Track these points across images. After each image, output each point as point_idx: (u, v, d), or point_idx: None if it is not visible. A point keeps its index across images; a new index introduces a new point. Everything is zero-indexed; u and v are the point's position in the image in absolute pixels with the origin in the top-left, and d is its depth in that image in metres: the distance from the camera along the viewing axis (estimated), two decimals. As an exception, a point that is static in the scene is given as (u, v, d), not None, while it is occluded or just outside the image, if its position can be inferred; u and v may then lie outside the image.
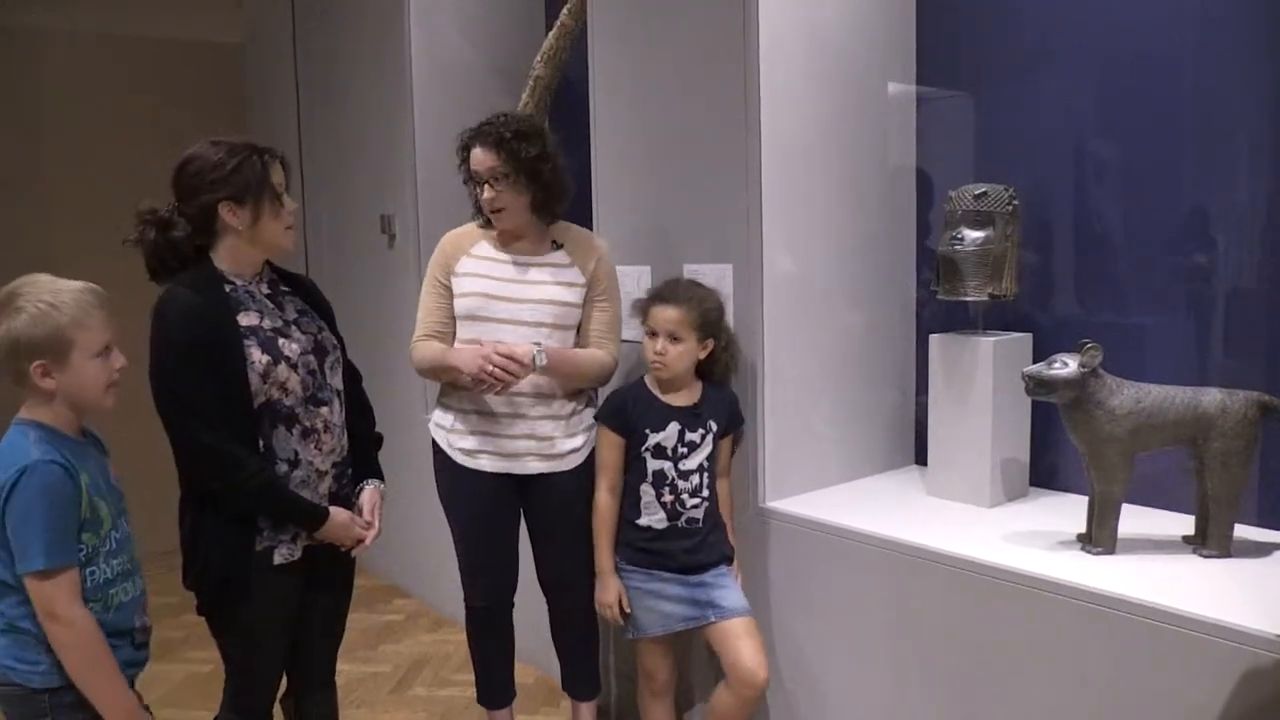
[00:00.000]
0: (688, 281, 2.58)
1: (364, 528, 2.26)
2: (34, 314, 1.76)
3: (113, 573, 1.86)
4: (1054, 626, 2.00)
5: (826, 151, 2.67)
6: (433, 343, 2.62)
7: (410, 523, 3.98)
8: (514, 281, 2.59)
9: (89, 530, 1.81)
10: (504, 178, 2.52)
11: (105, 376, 1.86)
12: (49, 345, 1.77)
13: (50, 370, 1.79)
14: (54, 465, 1.75)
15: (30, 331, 1.76)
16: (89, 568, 1.82)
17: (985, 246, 2.46)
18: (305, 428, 2.15)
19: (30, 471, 1.73)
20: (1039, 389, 2.14)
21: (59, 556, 1.74)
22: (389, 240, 4.18)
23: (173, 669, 3.61)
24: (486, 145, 2.53)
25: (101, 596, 1.84)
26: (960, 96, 2.81)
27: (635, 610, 2.54)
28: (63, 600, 1.74)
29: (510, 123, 2.56)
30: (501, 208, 2.55)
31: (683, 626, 2.51)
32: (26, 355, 1.77)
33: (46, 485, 1.73)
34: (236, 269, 2.16)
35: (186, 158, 2.11)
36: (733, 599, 2.49)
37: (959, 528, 2.36)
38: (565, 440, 2.62)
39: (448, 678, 3.56)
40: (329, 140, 4.69)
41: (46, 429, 1.81)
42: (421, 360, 2.64)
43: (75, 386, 1.82)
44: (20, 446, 1.77)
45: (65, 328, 1.78)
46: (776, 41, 2.52)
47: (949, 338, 2.56)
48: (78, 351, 1.80)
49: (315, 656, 2.38)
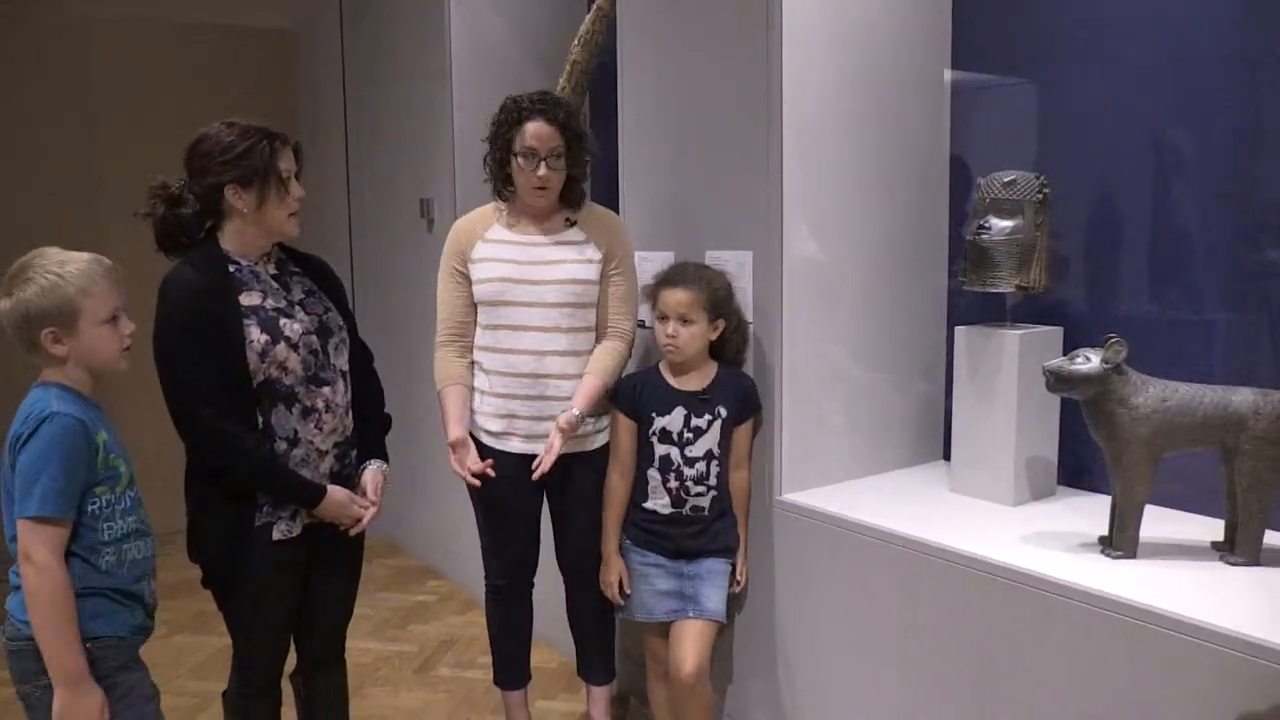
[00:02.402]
0: (695, 264, 2.57)
1: (364, 507, 2.27)
2: (42, 285, 1.84)
3: (128, 529, 1.92)
4: (1067, 632, 1.92)
5: (852, 138, 2.61)
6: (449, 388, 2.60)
7: (446, 505, 4.01)
8: (533, 263, 2.57)
9: (105, 485, 1.87)
10: (563, 154, 2.51)
11: (116, 342, 1.93)
12: (57, 313, 1.84)
13: (60, 337, 1.86)
14: (71, 419, 1.81)
15: (39, 301, 1.83)
16: (106, 522, 1.87)
17: (1013, 236, 2.38)
18: (305, 407, 2.17)
19: (50, 420, 1.80)
20: (1059, 384, 2.06)
21: (52, 506, 1.78)
22: (428, 224, 4.20)
23: (205, 641, 3.69)
24: (552, 122, 2.50)
25: (116, 551, 1.89)
26: (998, 82, 2.72)
27: (632, 590, 2.57)
28: (42, 549, 1.78)
29: (562, 101, 2.57)
30: (550, 185, 2.54)
31: (665, 618, 2.52)
32: (37, 323, 1.84)
33: (59, 436, 1.79)
34: (241, 250, 2.18)
35: (199, 137, 2.14)
36: (714, 602, 2.49)
37: (978, 526, 2.29)
38: (588, 421, 2.60)
39: (472, 660, 3.58)
40: (373, 125, 4.73)
41: (66, 388, 1.88)
42: (437, 385, 2.64)
43: (86, 351, 1.89)
44: (42, 401, 1.84)
45: (72, 297, 1.85)
46: (801, 26, 2.46)
47: (974, 330, 2.48)
48: (85, 319, 1.87)
49: (322, 634, 2.40)
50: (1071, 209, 2.52)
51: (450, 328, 2.64)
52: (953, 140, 2.82)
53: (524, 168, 2.52)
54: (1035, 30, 2.62)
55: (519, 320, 2.55)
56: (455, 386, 2.61)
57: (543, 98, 2.55)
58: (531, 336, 2.55)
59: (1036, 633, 1.98)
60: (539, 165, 2.50)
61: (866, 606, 2.36)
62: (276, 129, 2.18)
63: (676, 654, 2.46)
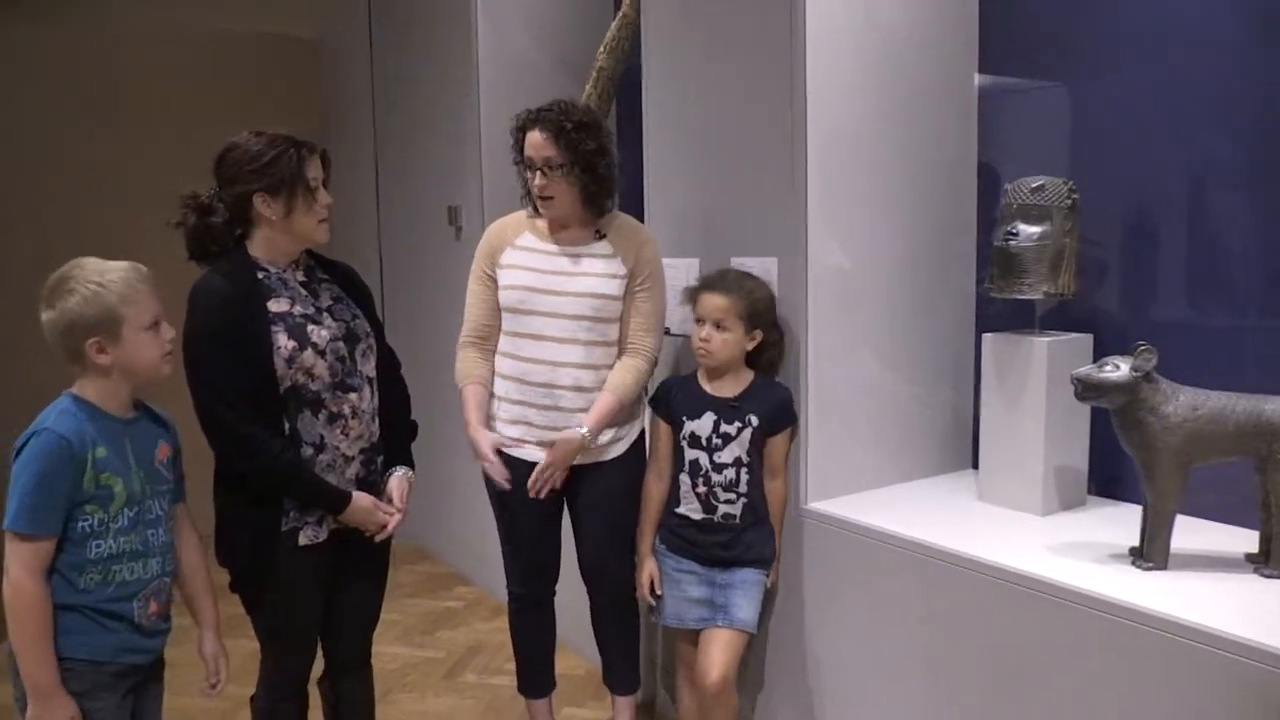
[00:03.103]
0: (739, 271, 2.55)
1: (389, 514, 2.28)
2: (85, 295, 1.85)
3: (118, 549, 1.89)
4: (1097, 645, 1.89)
5: (879, 143, 2.59)
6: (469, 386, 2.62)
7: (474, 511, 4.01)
8: (556, 274, 2.57)
9: (95, 503, 1.85)
10: (559, 168, 2.50)
11: (158, 348, 1.94)
12: (101, 323, 1.86)
13: (105, 346, 1.87)
14: (58, 437, 1.81)
15: (83, 311, 1.85)
16: (94, 540, 1.86)
17: (1042, 242, 2.36)
18: (332, 413, 2.18)
19: (38, 436, 1.81)
20: (1088, 393, 2.04)
21: (23, 523, 1.78)
22: (456, 232, 4.22)
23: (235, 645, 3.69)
24: (546, 132, 2.49)
25: (103, 570, 1.87)
26: (1025, 86, 2.70)
27: (664, 595, 2.57)
28: (15, 564, 1.79)
29: (573, 112, 2.53)
30: (551, 196, 2.53)
31: (695, 625, 2.52)
32: (82, 334, 1.85)
33: (40, 453, 1.80)
34: (270, 257, 2.20)
35: (228, 146, 2.17)
36: (745, 612, 2.48)
37: (1006, 536, 2.27)
38: (606, 431, 2.60)
39: (500, 667, 3.58)
40: (401, 132, 4.76)
41: (83, 403, 1.89)
42: (458, 384, 2.65)
43: (129, 359, 1.90)
44: (47, 414, 1.86)
45: (115, 305, 1.87)
46: (826, 31, 2.45)
47: (1002, 337, 2.46)
48: (128, 326, 1.88)
49: (349, 639, 2.41)
50: (1101, 215, 2.49)
51: (474, 329, 2.65)
52: (980, 145, 2.79)
53: (530, 178, 2.55)
54: (1063, 33, 2.59)
55: (538, 330, 2.56)
56: (473, 385, 2.62)
57: (546, 106, 2.54)
58: (548, 347, 2.55)
59: (1066, 645, 1.95)
60: (536, 175, 2.51)
61: (893, 617, 2.34)
62: (303, 137, 2.20)
63: (703, 662, 2.45)
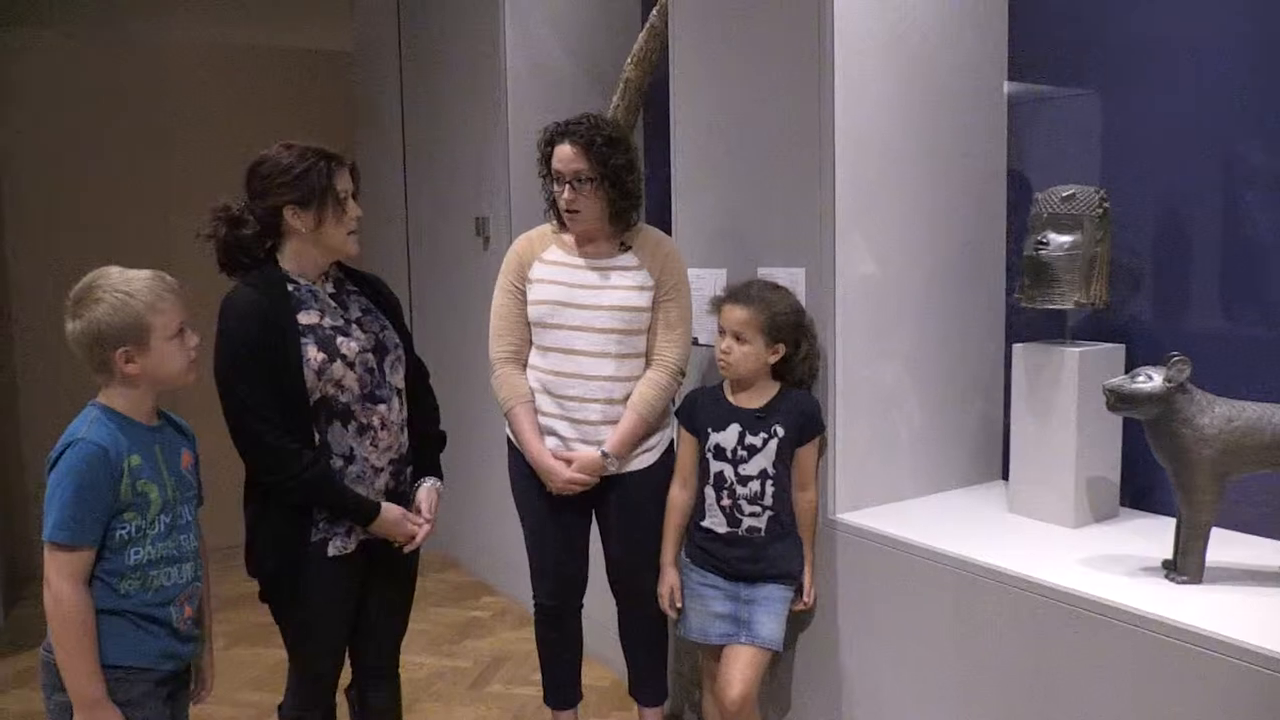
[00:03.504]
0: (763, 283, 2.53)
1: (417, 525, 2.29)
2: (113, 304, 1.84)
3: (156, 555, 1.90)
4: (1130, 660, 1.87)
5: (907, 152, 2.58)
6: (518, 406, 2.61)
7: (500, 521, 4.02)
8: (585, 287, 2.58)
9: (134, 511, 1.86)
10: (588, 181, 2.50)
11: (184, 356, 1.94)
12: (130, 332, 1.85)
13: (133, 356, 1.86)
14: (95, 446, 1.81)
15: (111, 320, 1.84)
16: (133, 547, 1.86)
17: (1072, 251, 2.33)
18: (361, 424, 2.19)
19: (74, 447, 1.81)
20: (1120, 404, 2.01)
21: (65, 533, 1.78)
22: (483, 243, 4.24)
23: (263, 653, 3.75)
24: (576, 145, 2.50)
25: (141, 576, 1.88)
26: (1055, 94, 2.68)
27: (686, 608, 2.56)
28: (57, 574, 1.79)
29: (603, 126, 2.54)
30: (578, 210, 2.54)
31: (719, 641, 2.49)
32: (112, 343, 1.84)
33: (77, 463, 1.80)
34: (300, 269, 2.22)
35: (258, 159, 2.19)
36: (769, 629, 2.45)
37: (1037, 549, 2.24)
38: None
39: (526, 677, 3.58)
40: (430, 144, 4.79)
41: (112, 413, 1.89)
42: (504, 405, 2.64)
43: (156, 368, 1.89)
44: (79, 424, 1.86)
45: (143, 314, 1.86)
46: (854, 39, 2.45)
47: (1033, 347, 2.43)
48: (156, 335, 1.87)
49: (376, 649, 2.42)
50: (1133, 223, 2.46)
51: (509, 345, 2.64)
52: (1010, 153, 2.77)
53: (557, 191, 2.55)
54: (1094, 40, 2.57)
55: (568, 343, 2.57)
56: (522, 405, 2.61)
57: (575, 120, 2.55)
58: (579, 360, 2.56)
59: (1099, 660, 1.93)
60: (565, 188, 2.52)
61: (924, 630, 2.32)
62: (333, 150, 2.22)
63: (724, 678, 2.44)
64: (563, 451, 2.59)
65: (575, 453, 2.57)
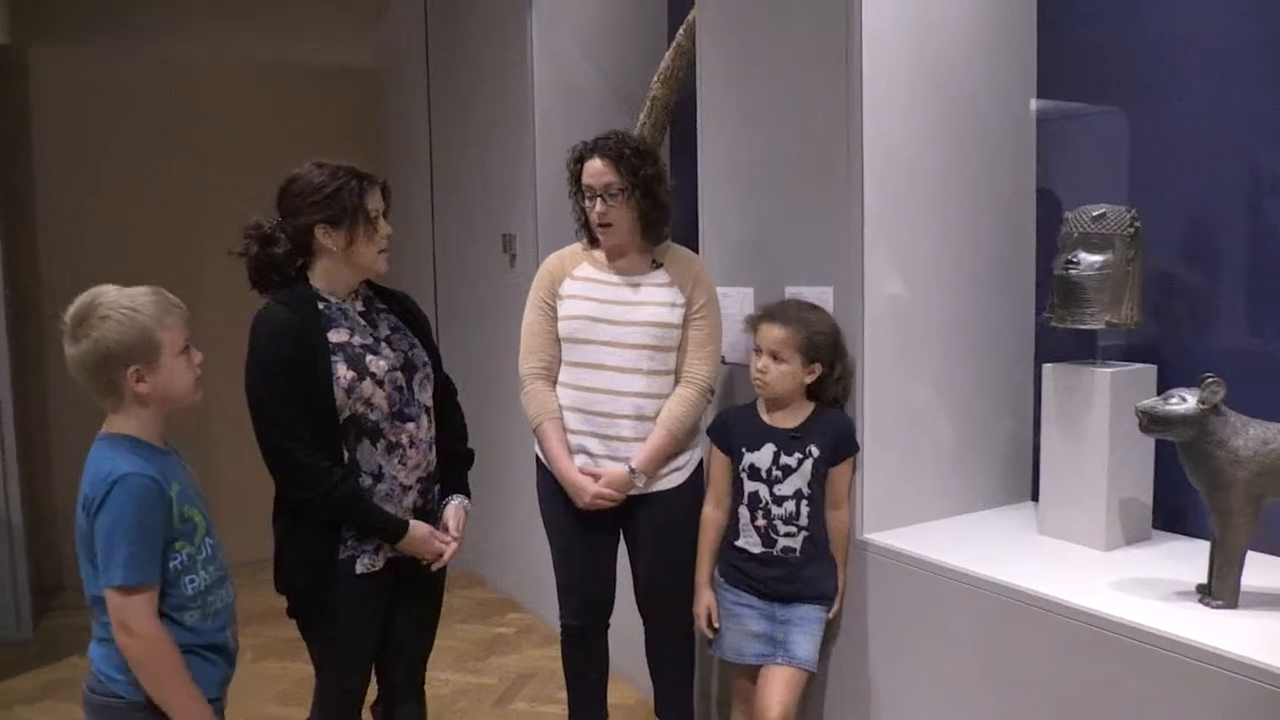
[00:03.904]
0: (801, 303, 2.53)
1: (445, 543, 2.29)
2: (120, 320, 1.76)
3: (211, 579, 1.87)
4: (1164, 685, 1.84)
5: (935, 170, 2.57)
6: (547, 422, 2.61)
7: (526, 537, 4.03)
8: (616, 303, 2.59)
9: (184, 539, 1.82)
10: (620, 193, 2.53)
11: (191, 373, 1.88)
12: (139, 349, 1.78)
13: (144, 374, 1.79)
14: (146, 478, 1.75)
15: (120, 337, 1.76)
16: (188, 576, 1.82)
17: (1104, 271, 2.32)
18: (390, 442, 2.20)
19: (122, 483, 1.73)
20: (1153, 426, 1.99)
21: (138, 573, 1.73)
22: (510, 259, 4.26)
23: (290, 668, 3.76)
24: (607, 157, 2.53)
25: (201, 604, 1.84)
26: (1085, 111, 2.66)
27: (720, 627, 2.55)
28: (137, 616, 1.74)
29: (630, 140, 2.58)
30: (611, 223, 2.56)
31: (754, 661, 2.48)
32: (122, 362, 1.77)
33: (136, 498, 1.73)
34: (331, 287, 2.24)
35: (290, 178, 2.21)
36: (805, 649, 2.44)
37: (1068, 571, 2.22)
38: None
39: (550, 695, 3.57)
40: (457, 161, 4.82)
41: (136, 442, 1.82)
42: (533, 421, 2.65)
43: (166, 386, 1.83)
44: (111, 459, 1.77)
45: (152, 329, 1.79)
46: (882, 57, 2.44)
47: (1063, 367, 2.41)
48: (165, 352, 1.81)
49: (403, 667, 2.42)
50: (1165, 243, 2.44)
51: (540, 361, 2.65)
52: (1039, 172, 2.76)
53: (589, 207, 2.57)
54: (1125, 56, 2.56)
55: (599, 359, 2.57)
56: (551, 421, 2.62)
57: (604, 136, 2.58)
58: (610, 376, 2.56)
59: (1131, 685, 1.90)
60: (595, 202, 2.54)
61: (954, 652, 2.29)
62: (364, 169, 2.24)
63: (763, 700, 2.41)
64: (590, 468, 2.59)
65: (603, 468, 2.57)
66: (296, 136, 4.89)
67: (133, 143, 4.98)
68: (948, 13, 2.57)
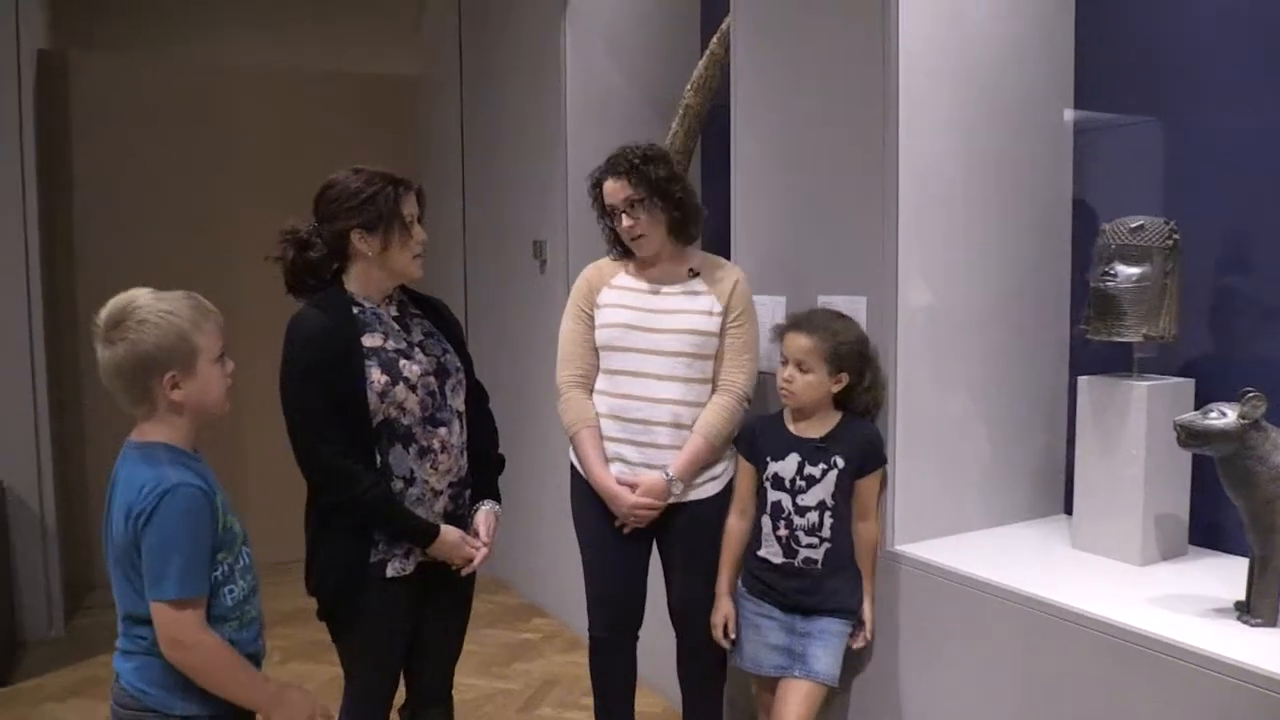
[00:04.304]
0: (828, 312, 2.52)
1: (475, 548, 2.30)
2: (159, 324, 1.71)
3: (247, 588, 1.83)
4: (1201, 704, 1.81)
5: (972, 180, 2.55)
6: (584, 430, 2.62)
7: (551, 543, 4.04)
8: (654, 311, 2.60)
9: (225, 549, 1.78)
10: (639, 203, 2.56)
11: (224, 382, 1.83)
12: (177, 354, 1.73)
13: (179, 381, 1.74)
14: (195, 488, 1.71)
15: (158, 341, 1.71)
16: (226, 586, 1.78)
17: (1141, 284, 2.29)
18: (422, 447, 2.21)
19: (172, 495, 1.68)
20: (1192, 440, 1.96)
21: (191, 586, 1.69)
22: (540, 265, 4.27)
23: (318, 669, 3.78)
24: (617, 175, 2.58)
25: (239, 615, 1.82)
26: (1123, 121, 2.64)
27: (740, 638, 2.54)
28: (189, 629, 1.70)
29: (635, 150, 2.61)
30: (641, 234, 2.59)
31: (772, 673, 2.47)
32: (159, 367, 1.72)
33: (187, 510, 1.69)
34: (366, 292, 2.25)
35: (327, 183, 2.23)
36: (824, 663, 2.41)
37: (1102, 586, 2.19)
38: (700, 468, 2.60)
39: (576, 701, 3.57)
40: (489, 167, 4.85)
41: (173, 449, 1.76)
42: (570, 429, 2.66)
43: (201, 394, 1.78)
44: (156, 470, 1.71)
45: (190, 334, 1.74)
46: (918, 66, 2.43)
47: (1099, 380, 2.39)
48: (202, 358, 1.76)
49: (431, 672, 2.43)
50: (1203, 255, 2.41)
51: (577, 369, 2.66)
52: (1075, 182, 2.73)
53: (618, 224, 2.61)
54: (1163, 65, 2.53)
55: (636, 367, 2.58)
56: (589, 429, 2.62)
57: (613, 155, 2.63)
58: (647, 383, 2.57)
59: (1168, 702, 1.87)
60: (621, 218, 2.58)
61: (985, 666, 2.27)
62: (400, 174, 2.25)
63: (778, 713, 2.40)
64: (627, 476, 2.59)
65: (639, 477, 2.57)
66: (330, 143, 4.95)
67: (169, 148, 5.04)
68: (985, 20, 2.56)
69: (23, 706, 3.61)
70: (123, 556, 1.72)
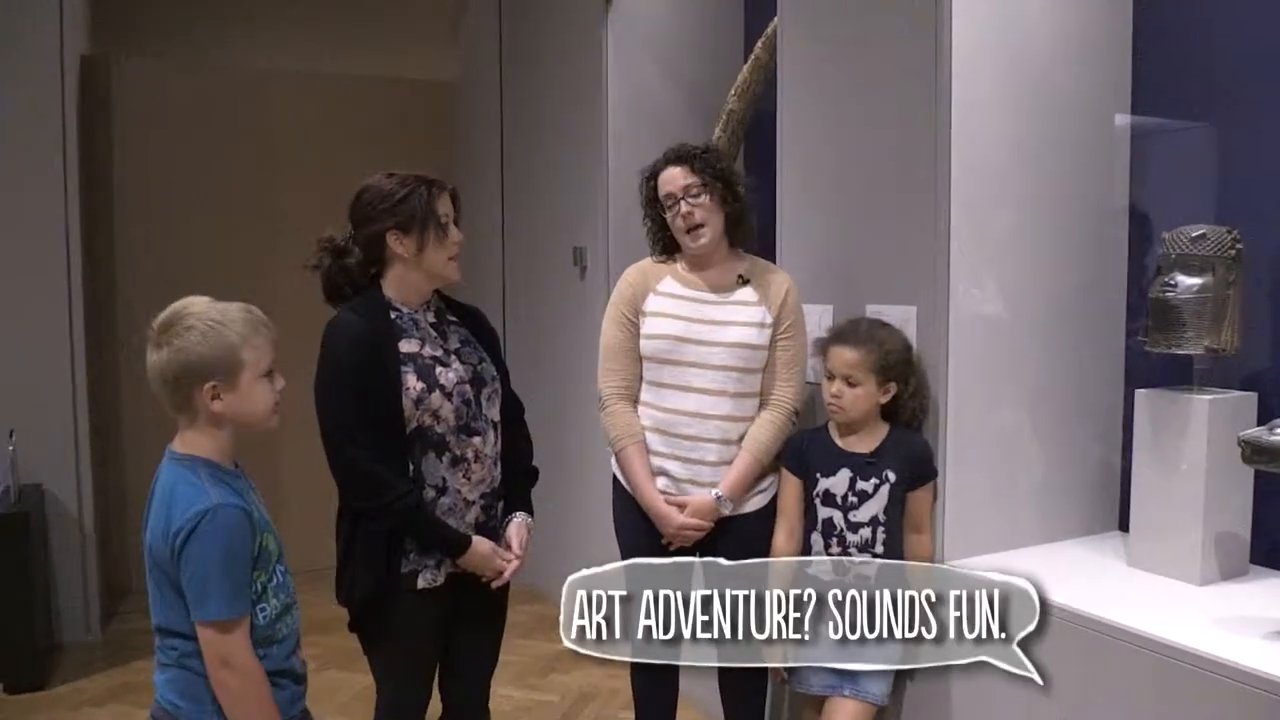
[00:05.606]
0: (870, 321, 2.46)
1: (507, 560, 2.27)
2: (205, 332, 1.70)
3: (280, 606, 1.82)
4: (1262, 730, 1.74)
5: (1025, 188, 2.49)
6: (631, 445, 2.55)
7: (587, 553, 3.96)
8: (703, 322, 2.53)
9: (259, 568, 1.76)
10: (701, 190, 2.50)
11: (271, 398, 1.81)
12: (221, 365, 1.71)
13: (220, 392, 1.72)
14: (235, 509, 1.70)
15: (202, 350, 1.70)
16: (259, 605, 1.76)
17: (1202, 294, 2.21)
18: (455, 456, 2.18)
19: (212, 515, 1.67)
20: (1257, 456, 1.89)
21: (236, 606, 1.69)
22: (580, 272, 4.24)
23: (352, 679, 3.75)
24: (680, 163, 2.52)
25: (271, 633, 1.79)
26: (1182, 126, 2.56)
27: None
28: (240, 650, 1.70)
29: (695, 145, 2.58)
30: (700, 223, 2.51)
31: (821, 692, 2.39)
32: (200, 376, 1.71)
33: (228, 531, 1.68)
34: (403, 297, 2.22)
35: (361, 188, 2.21)
36: (875, 683, 2.33)
37: (1162, 606, 2.11)
38: None
39: (613, 715, 3.52)
40: (529, 172, 4.83)
41: (212, 465, 1.75)
42: (616, 443, 2.58)
43: (242, 408, 1.76)
44: (195, 486, 1.71)
45: (237, 346, 1.73)
46: (971, 70, 2.37)
47: (1158, 394, 2.31)
48: (247, 372, 1.75)
49: (467, 685, 2.39)
50: (1266, 264, 2.33)
51: (622, 378, 2.58)
52: (1132, 189, 2.65)
53: (672, 217, 2.53)
54: (1224, 68, 2.45)
55: (684, 380, 2.52)
56: (637, 445, 2.55)
57: (672, 147, 2.57)
58: (696, 398, 2.50)
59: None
60: (680, 205, 2.50)
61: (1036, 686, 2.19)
62: (433, 176, 2.23)
63: None
64: (673, 493, 2.53)
65: (688, 496, 2.51)
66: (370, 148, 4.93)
67: (208, 152, 5.06)
68: (1039, 24, 2.49)
69: (63, 710, 3.62)
70: (155, 569, 1.73)
